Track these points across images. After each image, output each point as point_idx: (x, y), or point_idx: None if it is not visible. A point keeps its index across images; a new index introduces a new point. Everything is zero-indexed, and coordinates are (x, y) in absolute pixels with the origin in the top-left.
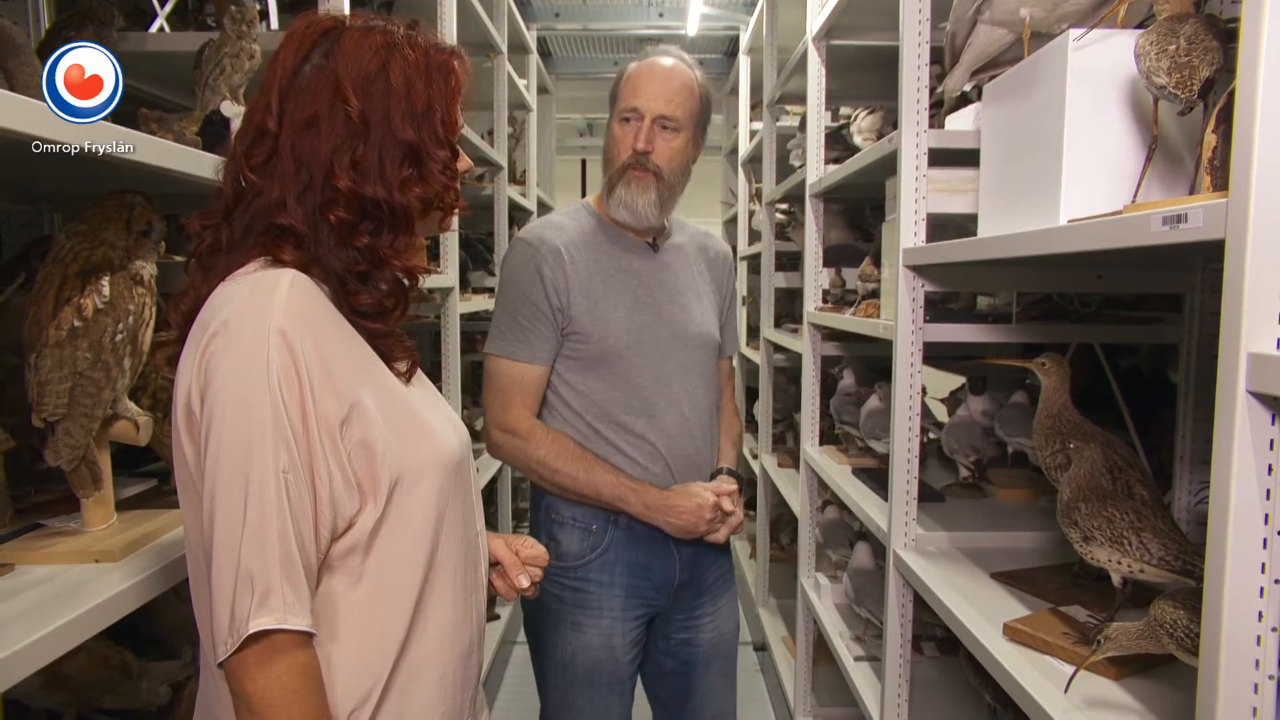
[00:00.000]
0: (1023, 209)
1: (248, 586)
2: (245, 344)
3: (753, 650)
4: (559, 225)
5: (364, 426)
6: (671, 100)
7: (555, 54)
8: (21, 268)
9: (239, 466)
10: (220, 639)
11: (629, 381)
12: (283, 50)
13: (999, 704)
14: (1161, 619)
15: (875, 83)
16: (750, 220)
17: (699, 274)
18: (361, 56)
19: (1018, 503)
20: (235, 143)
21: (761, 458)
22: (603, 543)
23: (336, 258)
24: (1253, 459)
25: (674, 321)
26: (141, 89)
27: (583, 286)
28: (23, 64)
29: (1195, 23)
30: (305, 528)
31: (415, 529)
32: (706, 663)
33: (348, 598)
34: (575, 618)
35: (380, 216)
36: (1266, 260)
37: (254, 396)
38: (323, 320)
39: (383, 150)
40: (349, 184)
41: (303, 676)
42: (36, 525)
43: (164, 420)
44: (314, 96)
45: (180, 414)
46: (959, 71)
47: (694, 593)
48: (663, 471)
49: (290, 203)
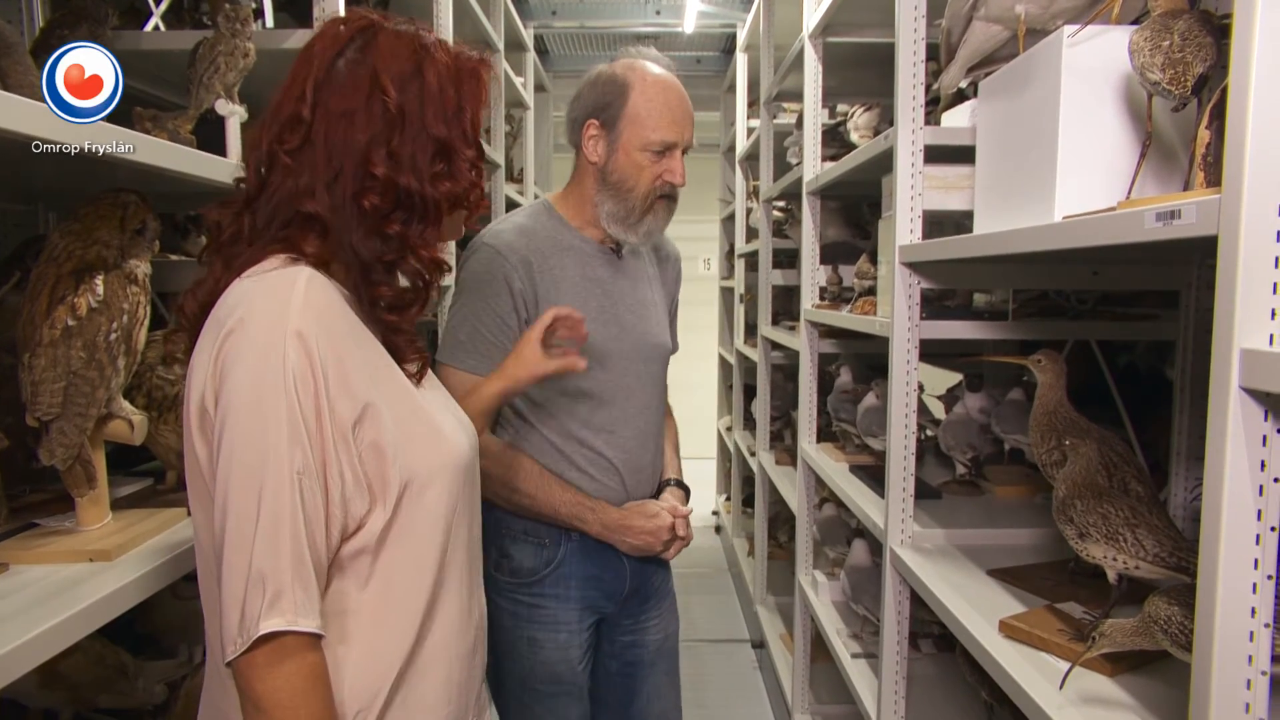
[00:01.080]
0: (1018, 205)
1: (259, 587)
2: (261, 343)
3: (750, 648)
4: (524, 229)
5: (376, 428)
6: (693, 123)
7: (552, 52)
8: (16, 267)
9: (253, 466)
10: (230, 638)
11: (591, 395)
12: (317, 44)
13: (995, 701)
14: (1156, 615)
15: (872, 80)
16: (748, 218)
17: (654, 277)
18: (399, 55)
19: (1014, 500)
20: (261, 132)
21: (759, 455)
22: (557, 556)
23: (365, 246)
24: (1245, 455)
25: (635, 333)
26: (136, 87)
27: (549, 298)
28: (15, 63)
29: (1189, 19)
30: (317, 529)
31: (425, 532)
32: (652, 663)
33: (357, 599)
34: (532, 633)
35: (412, 206)
36: (1259, 256)
37: (270, 397)
38: (338, 321)
39: (416, 144)
40: (386, 171)
41: (311, 677)
42: (31, 524)
43: (158, 420)
44: (352, 89)
45: (194, 412)
46: (954, 68)
47: (641, 598)
48: (618, 486)
49: (319, 190)
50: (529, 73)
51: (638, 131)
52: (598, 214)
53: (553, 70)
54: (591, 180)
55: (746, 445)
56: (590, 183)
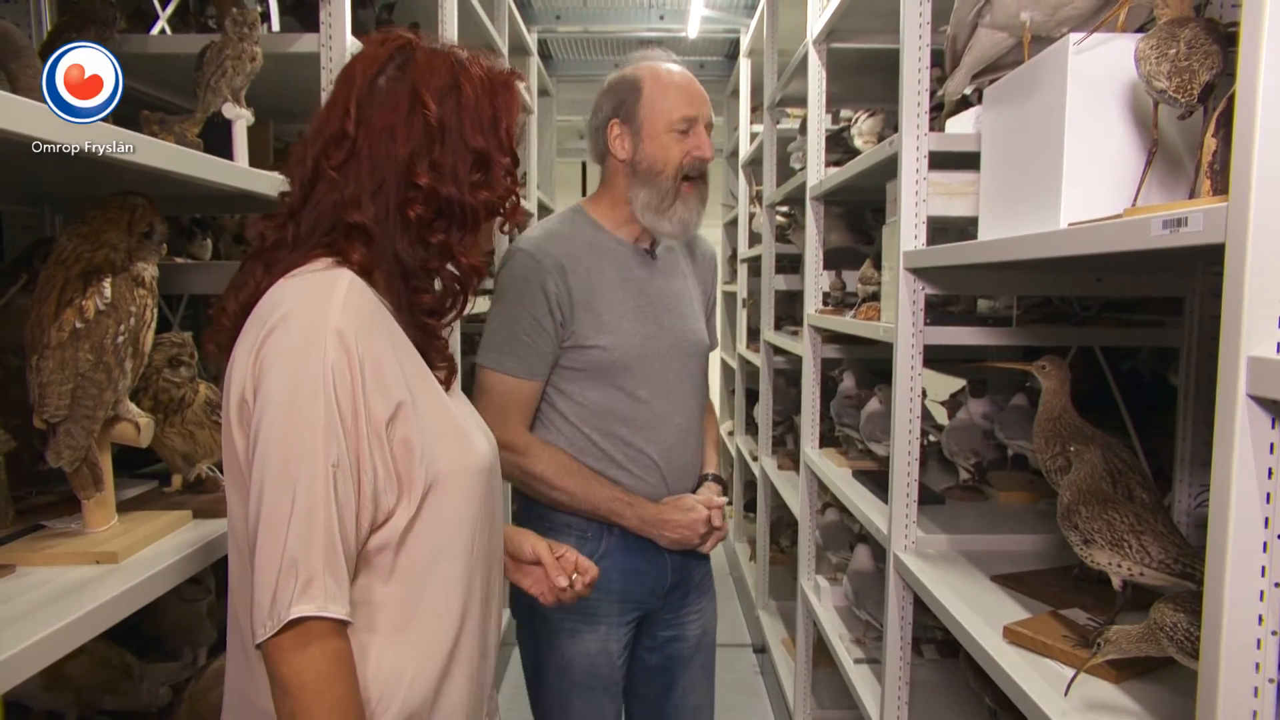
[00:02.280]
0: (1023, 212)
1: (292, 573)
2: (303, 340)
3: (752, 653)
4: (558, 234)
5: (408, 425)
6: (709, 103)
7: (556, 56)
8: (23, 269)
9: (290, 457)
10: (260, 621)
11: (630, 394)
12: (358, 64)
13: (999, 707)
14: (1161, 622)
15: (876, 86)
16: (751, 223)
17: (689, 276)
18: (436, 70)
19: (1018, 505)
20: (306, 148)
21: (762, 460)
22: (599, 550)
23: (410, 253)
24: (1253, 462)
25: (674, 331)
26: (143, 91)
27: (586, 300)
28: (25, 66)
29: (1195, 27)
30: (349, 520)
31: (448, 533)
32: (690, 658)
33: (382, 592)
34: (572, 625)
35: (453, 215)
36: (1266, 264)
37: (308, 391)
38: (377, 322)
39: (456, 155)
40: (429, 182)
41: (336, 662)
42: (38, 526)
43: (165, 422)
44: (393, 106)
45: (233, 405)
46: (959, 75)
47: (682, 593)
48: (658, 482)
49: (365, 200)
50: (533, 77)
51: (658, 115)
52: (631, 212)
53: (556, 75)
54: (623, 178)
55: (749, 450)
56: (622, 181)
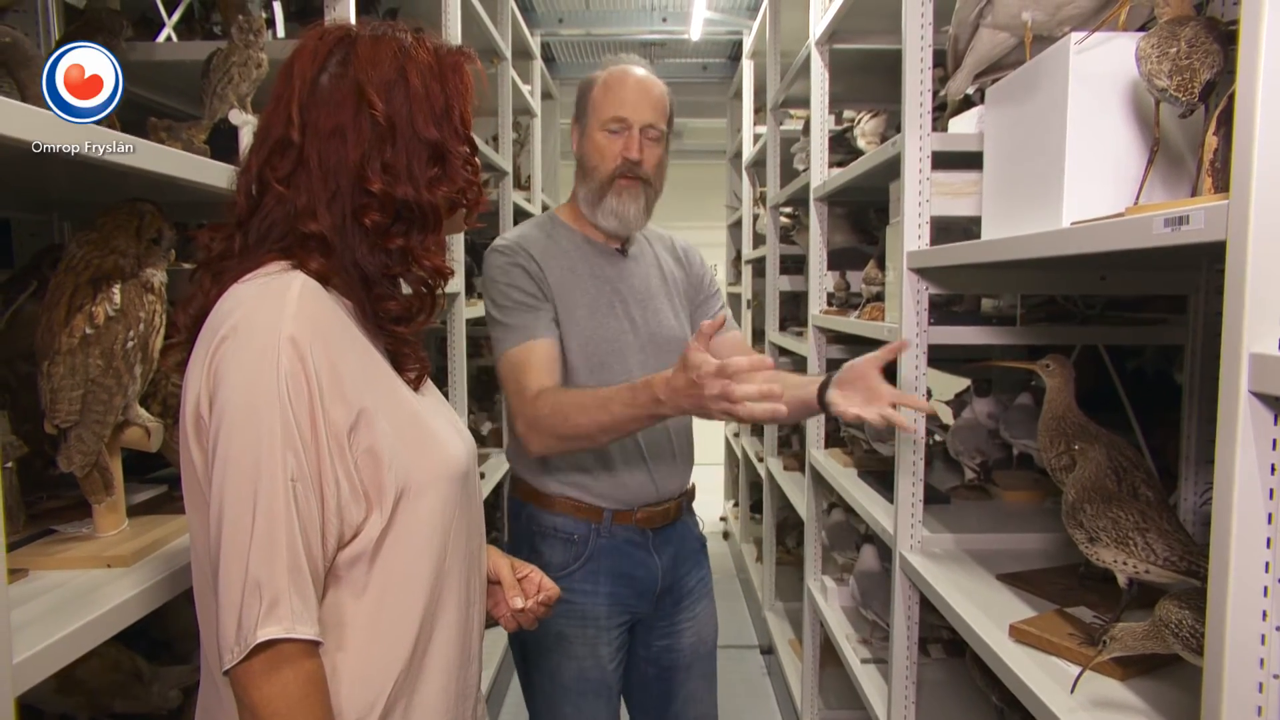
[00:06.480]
0: (1026, 211)
1: (255, 595)
2: (255, 350)
3: (759, 653)
4: (530, 236)
5: (371, 434)
6: (654, 108)
7: (559, 59)
8: (33, 276)
9: (248, 474)
10: (226, 647)
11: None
12: (297, 63)
13: (1005, 705)
14: (1167, 619)
15: (878, 86)
16: (754, 224)
17: (667, 272)
18: (380, 63)
19: (1023, 504)
20: (250, 157)
21: (767, 461)
22: (585, 551)
23: (369, 261)
24: (1255, 459)
25: (647, 326)
26: (150, 98)
27: (562, 294)
28: (34, 75)
29: (1196, 25)
30: (313, 536)
31: (422, 539)
32: (687, 667)
33: (354, 608)
34: (560, 628)
35: (411, 217)
36: (1268, 261)
37: (263, 403)
38: (332, 327)
39: (410, 152)
40: (382, 186)
41: (308, 685)
42: (49, 531)
43: (174, 426)
44: (338, 105)
45: (189, 419)
46: (961, 75)
47: (674, 599)
48: (645, 477)
49: (320, 210)
50: (536, 80)
51: (596, 115)
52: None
53: (560, 78)
54: (576, 176)
55: (754, 451)
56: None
